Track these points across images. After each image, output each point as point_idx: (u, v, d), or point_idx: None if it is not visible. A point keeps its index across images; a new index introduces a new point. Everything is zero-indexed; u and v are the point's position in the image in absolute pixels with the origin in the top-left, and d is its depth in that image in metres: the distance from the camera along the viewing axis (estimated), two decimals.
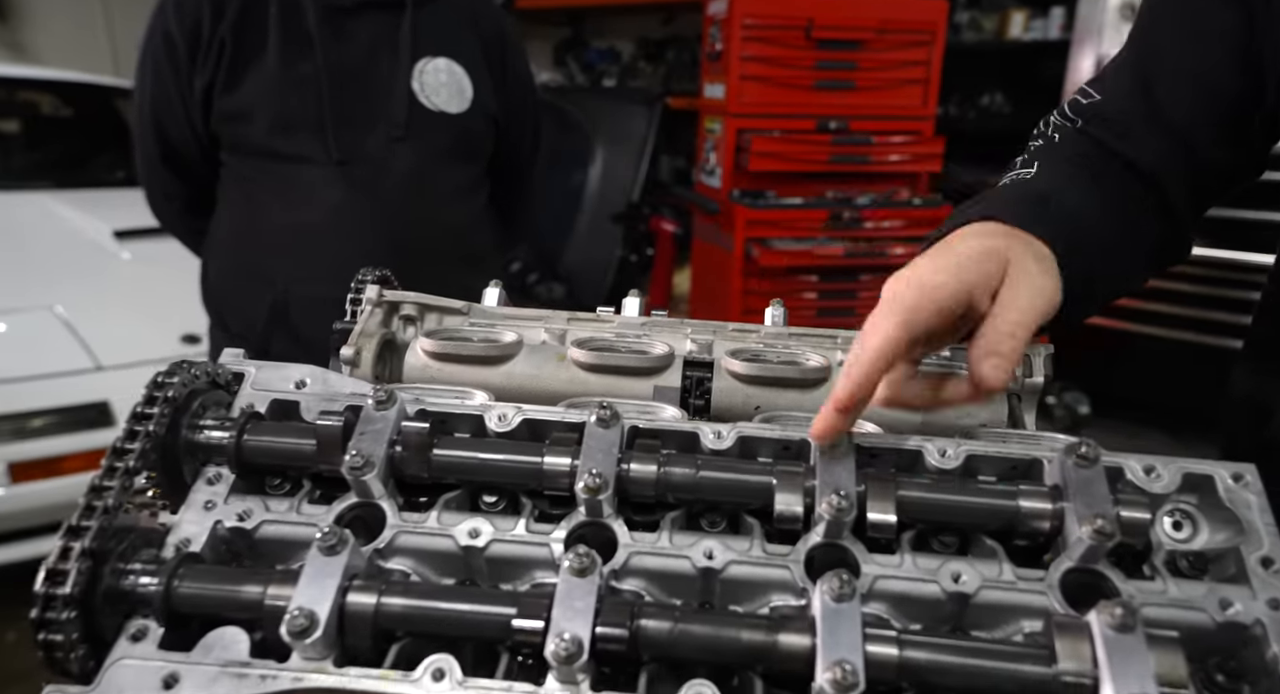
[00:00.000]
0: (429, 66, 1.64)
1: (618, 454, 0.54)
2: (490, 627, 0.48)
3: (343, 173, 1.57)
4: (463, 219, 1.73)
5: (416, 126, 1.61)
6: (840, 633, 0.45)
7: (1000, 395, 0.71)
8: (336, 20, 1.57)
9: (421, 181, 1.63)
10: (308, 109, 1.55)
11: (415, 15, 1.61)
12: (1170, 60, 0.77)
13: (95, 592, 0.46)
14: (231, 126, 1.58)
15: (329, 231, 1.58)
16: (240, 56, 1.55)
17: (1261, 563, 0.49)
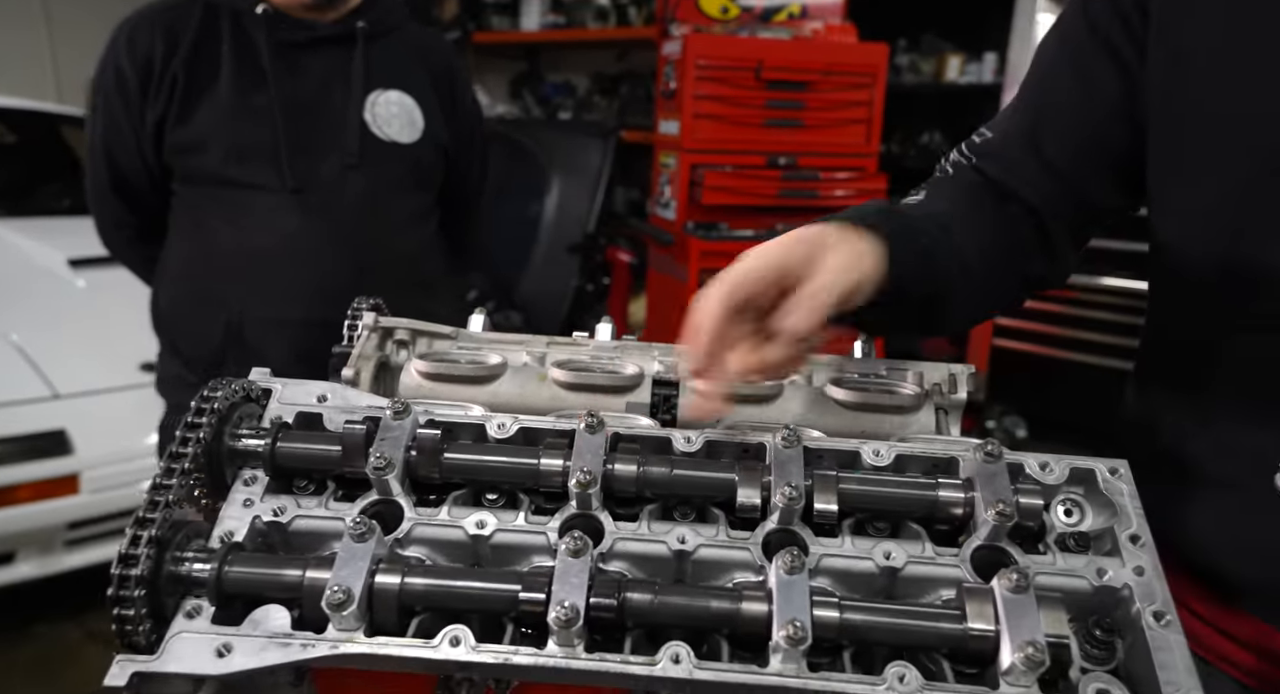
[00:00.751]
0: (381, 98, 1.70)
1: (604, 456, 0.63)
2: (498, 601, 0.56)
3: (297, 200, 1.62)
4: (415, 246, 1.79)
5: (369, 156, 1.66)
6: (792, 599, 0.55)
7: (930, 408, 0.82)
8: (290, 55, 1.63)
9: (375, 209, 1.68)
10: (262, 138, 1.59)
11: (367, 49, 1.68)
12: (1057, 110, 0.88)
13: (160, 574, 0.54)
14: (184, 158, 1.62)
15: (284, 256, 1.62)
16: (193, 90, 1.59)
17: (1130, 539, 0.61)
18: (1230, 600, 0.83)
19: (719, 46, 3.31)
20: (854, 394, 0.79)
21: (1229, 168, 0.77)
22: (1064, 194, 0.88)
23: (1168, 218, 0.86)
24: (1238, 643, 0.83)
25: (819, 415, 0.80)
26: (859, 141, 3.52)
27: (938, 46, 4.41)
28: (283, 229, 1.62)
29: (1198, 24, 0.79)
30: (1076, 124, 0.88)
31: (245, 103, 1.59)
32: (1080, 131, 0.87)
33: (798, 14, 3.81)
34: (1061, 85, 0.89)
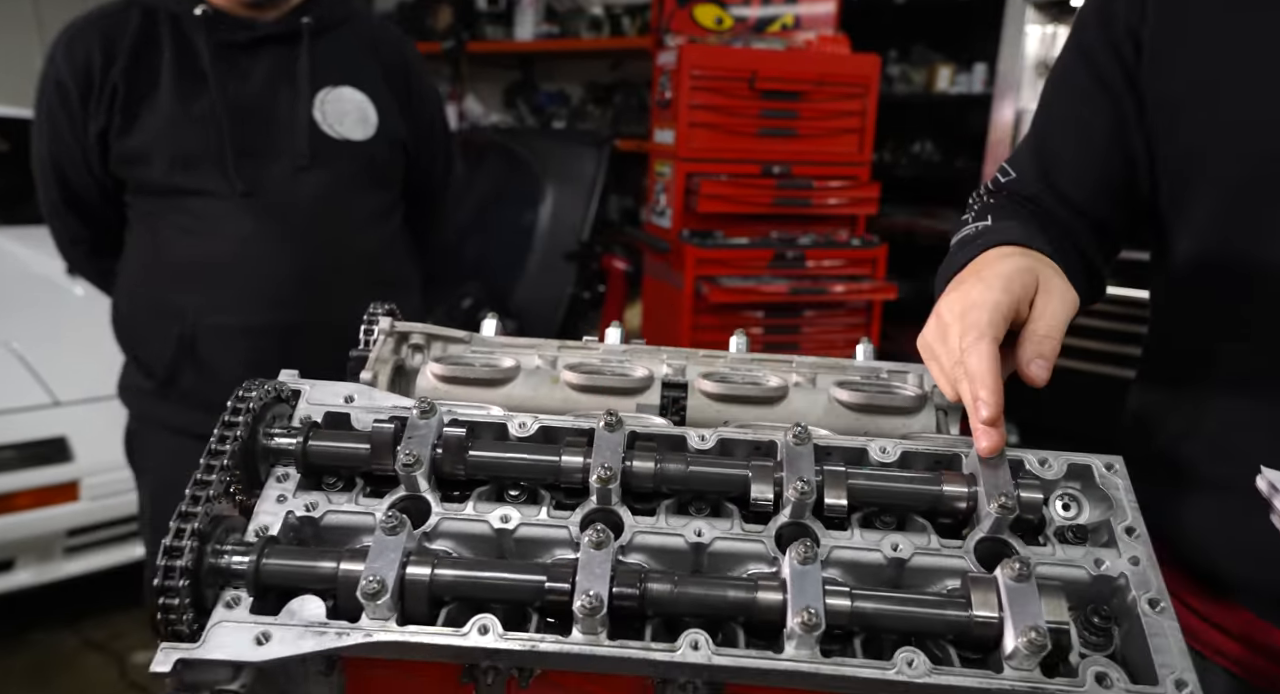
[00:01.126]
0: (330, 95, 1.66)
1: (622, 453, 0.66)
2: (525, 591, 0.59)
3: (248, 204, 1.59)
4: (375, 245, 1.75)
5: (321, 155, 1.63)
6: (806, 588, 0.58)
7: (930, 409, 0.85)
8: (231, 57, 1.59)
9: (330, 210, 1.65)
10: (207, 145, 1.56)
11: (313, 46, 1.64)
12: (1063, 151, 0.94)
13: (201, 566, 0.56)
14: (130, 168, 1.59)
15: (236, 263, 1.60)
16: (134, 99, 1.56)
17: (1126, 531, 0.64)
18: (1222, 595, 0.86)
19: (714, 57, 3.35)
20: (858, 395, 0.82)
21: (1222, 176, 0.81)
22: (1086, 224, 0.93)
23: (1166, 229, 0.90)
24: (1230, 636, 0.86)
25: (824, 416, 0.82)
26: (852, 150, 3.57)
27: (928, 57, 4.47)
28: (235, 235, 1.59)
29: (1191, 42, 0.83)
30: (1083, 162, 0.93)
31: (187, 109, 1.56)
32: (1087, 169, 0.92)
33: (791, 25, 3.86)
34: (1063, 125, 0.95)
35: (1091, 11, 0.92)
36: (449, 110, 5.80)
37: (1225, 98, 0.81)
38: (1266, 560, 0.80)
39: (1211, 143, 0.82)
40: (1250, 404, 0.83)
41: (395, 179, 1.80)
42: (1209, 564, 0.87)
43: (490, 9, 5.42)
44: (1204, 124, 0.83)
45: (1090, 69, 0.91)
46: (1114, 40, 0.88)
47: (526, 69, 5.87)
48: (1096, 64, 0.90)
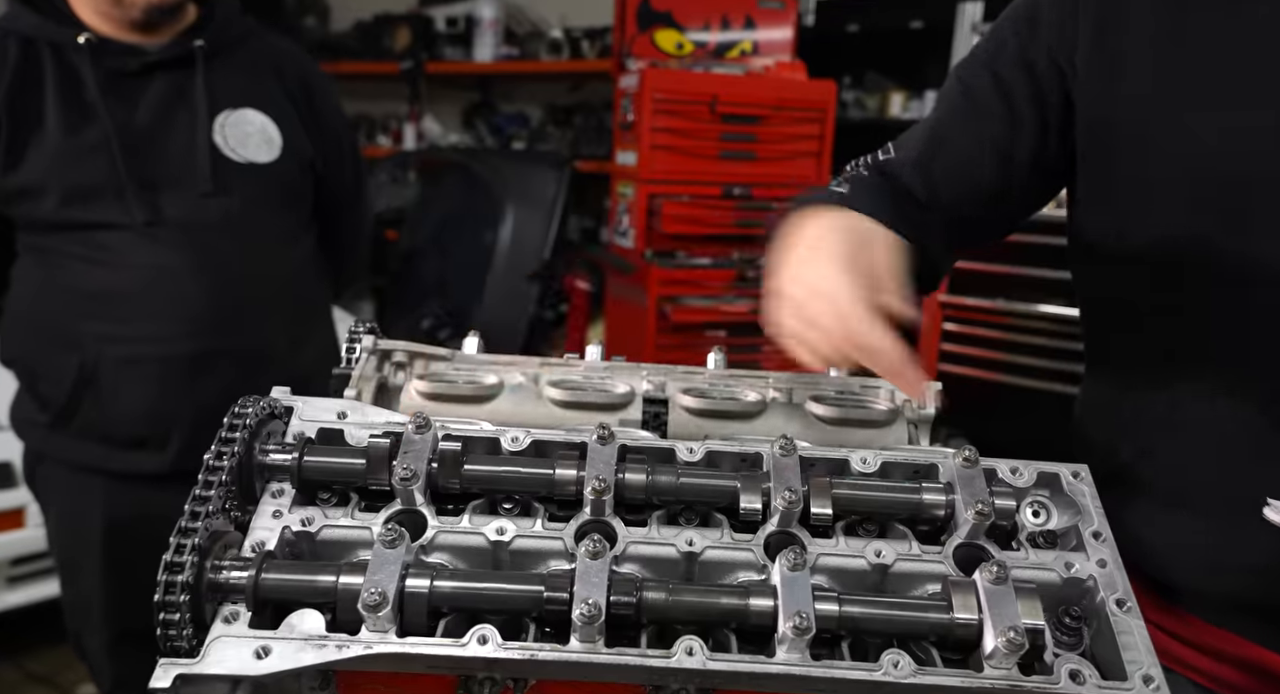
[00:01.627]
0: (231, 118, 1.62)
1: (615, 465, 0.67)
2: (523, 601, 0.60)
3: (151, 234, 1.54)
4: (287, 268, 1.72)
5: (225, 180, 1.59)
6: (796, 593, 0.60)
7: (902, 423, 0.88)
8: (123, 83, 1.54)
9: (238, 234, 1.61)
10: (101, 176, 1.51)
11: (209, 68, 1.60)
12: (946, 145, 0.98)
13: (201, 581, 0.56)
14: (19, 205, 1.53)
15: (142, 293, 1.55)
16: (18, 134, 1.49)
17: (1093, 535, 0.67)
18: (1179, 606, 0.90)
19: (675, 81, 3.42)
20: (833, 410, 0.85)
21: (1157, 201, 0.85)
22: (942, 218, 0.98)
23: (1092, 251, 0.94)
24: (1192, 647, 0.90)
25: (800, 430, 0.85)
26: (810, 173, 3.65)
27: (881, 84, 4.60)
28: (139, 264, 1.54)
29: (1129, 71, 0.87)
30: (960, 161, 0.97)
31: (78, 141, 1.50)
32: (963, 168, 0.97)
33: (749, 51, 3.95)
34: (954, 123, 0.99)
35: (1011, 23, 0.95)
36: (407, 130, 5.81)
37: (1160, 122, 0.85)
38: (1218, 571, 0.83)
39: (1148, 167, 0.86)
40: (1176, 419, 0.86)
41: (305, 199, 1.77)
42: (1163, 575, 0.90)
43: (449, 30, 5.44)
44: (1138, 147, 0.86)
45: (994, 78, 0.95)
46: (1028, 59, 0.92)
47: (486, 90, 5.89)
48: (1001, 74, 0.94)
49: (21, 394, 1.69)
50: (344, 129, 1.90)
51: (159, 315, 1.57)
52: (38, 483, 1.75)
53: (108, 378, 1.58)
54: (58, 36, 1.52)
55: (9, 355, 1.68)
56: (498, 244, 4.36)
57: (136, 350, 1.57)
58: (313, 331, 1.79)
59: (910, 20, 4.34)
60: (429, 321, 4.59)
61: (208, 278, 1.59)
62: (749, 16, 3.96)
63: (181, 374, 1.58)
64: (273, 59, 1.73)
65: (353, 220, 1.96)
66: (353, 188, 1.92)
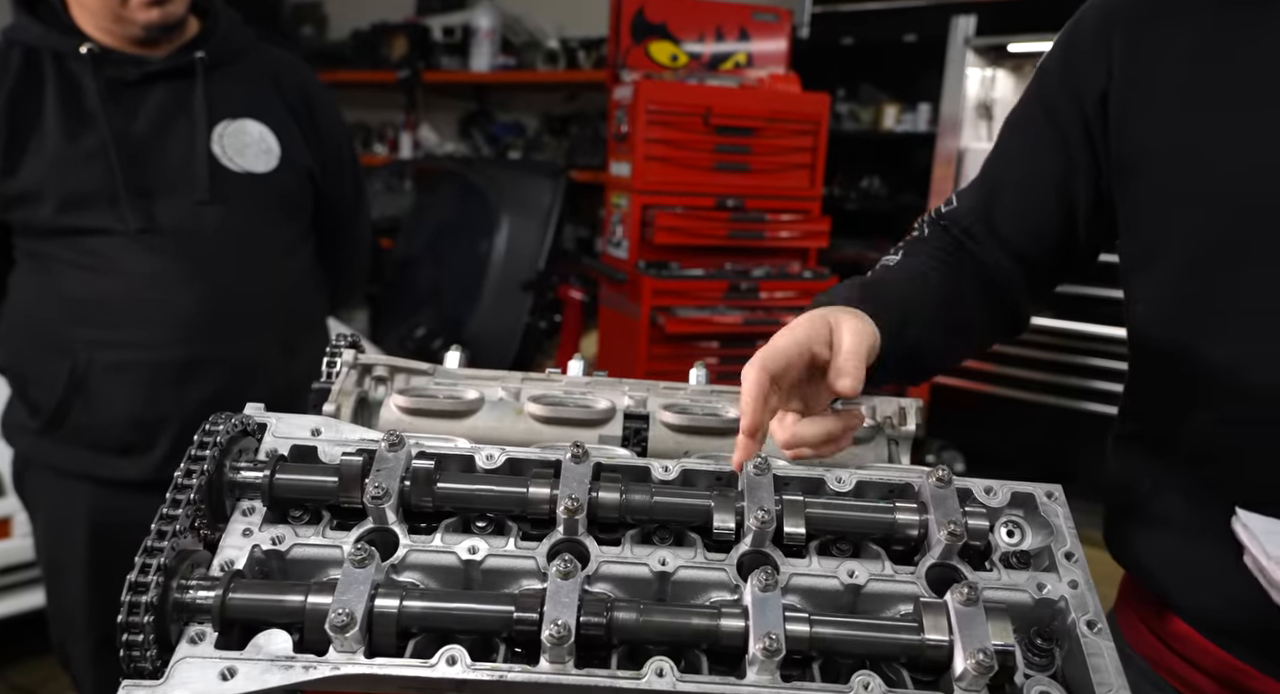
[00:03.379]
0: (229, 129, 1.63)
1: (589, 484, 0.67)
2: (493, 621, 0.60)
3: (145, 241, 1.55)
4: (284, 278, 1.73)
5: (222, 190, 1.60)
6: (767, 614, 0.60)
7: (882, 439, 0.88)
8: (123, 93, 1.56)
9: (234, 244, 1.62)
10: (97, 183, 1.53)
11: (209, 79, 1.61)
12: (1005, 191, 0.98)
13: (166, 601, 0.56)
14: (17, 211, 1.55)
15: (133, 299, 1.56)
16: (16, 141, 1.51)
17: (1065, 556, 0.67)
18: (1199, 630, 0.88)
19: (669, 92, 3.42)
20: None
21: (1182, 239, 0.84)
22: (1016, 266, 0.97)
23: (1129, 284, 0.93)
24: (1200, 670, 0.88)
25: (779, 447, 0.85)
26: (803, 185, 3.66)
27: (875, 96, 4.63)
28: (132, 271, 1.55)
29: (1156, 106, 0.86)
30: (1022, 206, 0.97)
31: (76, 148, 1.52)
32: (1026, 213, 0.97)
33: (743, 63, 3.97)
34: (1010, 167, 0.99)
35: (1056, 60, 0.95)
36: (403, 139, 5.82)
37: (1185, 163, 0.84)
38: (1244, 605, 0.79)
39: (1172, 206, 0.85)
40: (1216, 453, 0.84)
41: (303, 210, 1.78)
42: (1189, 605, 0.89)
43: (446, 40, 5.46)
44: (1161, 188, 0.86)
45: (1047, 117, 0.94)
46: (1077, 93, 0.91)
47: (482, 99, 5.91)
48: (1054, 113, 0.93)
49: (12, 400, 1.69)
50: (344, 141, 1.90)
51: (149, 322, 1.57)
52: (25, 490, 1.75)
53: (97, 383, 1.58)
54: (61, 46, 1.54)
55: (2, 362, 1.68)
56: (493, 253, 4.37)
57: (126, 356, 1.57)
58: (307, 342, 1.79)
59: (904, 33, 4.36)
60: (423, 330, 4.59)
61: (200, 286, 1.60)
62: (743, 29, 3.98)
63: (170, 381, 1.59)
64: (273, 70, 1.74)
65: (352, 232, 1.97)
66: (352, 200, 1.93)
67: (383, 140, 6.09)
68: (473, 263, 4.46)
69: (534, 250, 4.22)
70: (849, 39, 4.50)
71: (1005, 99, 4.33)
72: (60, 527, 1.71)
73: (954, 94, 4.08)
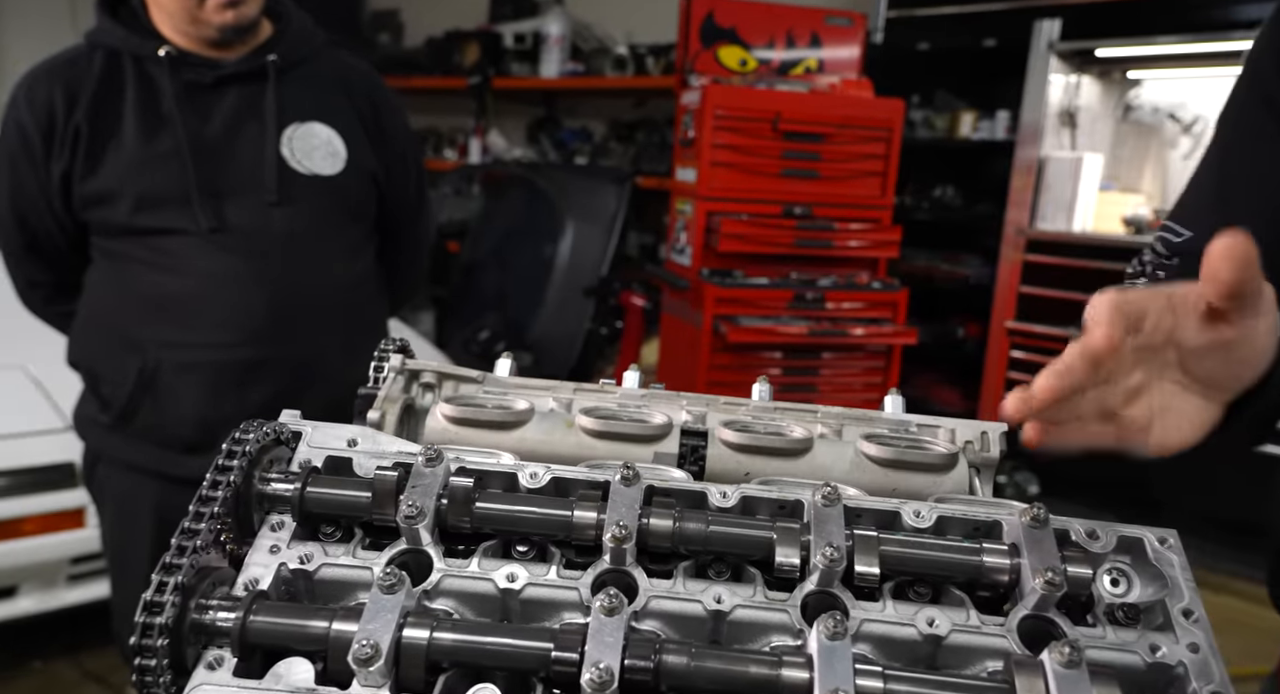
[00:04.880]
0: (298, 132, 1.66)
1: (639, 509, 0.61)
2: (530, 659, 0.54)
3: (216, 241, 1.58)
4: (347, 280, 1.75)
5: (290, 191, 1.62)
6: (835, 666, 0.53)
7: (963, 467, 0.80)
8: (198, 96, 1.60)
9: (300, 245, 1.64)
10: (172, 184, 1.56)
11: (280, 82, 1.64)
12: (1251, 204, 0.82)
13: (184, 623, 0.52)
14: (95, 210, 1.58)
15: (203, 299, 1.59)
16: (97, 141, 1.55)
17: (1183, 613, 0.59)
18: None
19: (737, 97, 3.36)
20: (887, 450, 0.77)
21: None
22: None
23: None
24: None
25: (850, 471, 0.78)
26: (874, 193, 3.55)
27: (951, 103, 4.47)
28: (203, 271, 1.58)
29: None
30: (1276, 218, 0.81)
31: (152, 150, 1.55)
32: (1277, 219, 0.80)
33: (815, 68, 3.88)
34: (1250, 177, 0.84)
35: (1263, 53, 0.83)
36: (473, 144, 5.88)
37: None
38: None
39: None
40: None
41: (367, 213, 1.79)
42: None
43: (517, 46, 5.51)
44: None
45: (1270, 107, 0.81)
46: None
47: (550, 105, 5.93)
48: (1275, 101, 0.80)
49: (85, 395, 1.73)
50: (410, 146, 1.92)
51: (218, 322, 1.60)
52: (95, 483, 1.79)
53: (166, 382, 1.61)
54: (140, 49, 1.58)
55: (76, 357, 1.73)
56: (557, 258, 4.37)
57: (195, 356, 1.60)
58: (367, 345, 1.79)
59: (984, 38, 4.20)
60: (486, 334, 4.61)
61: (268, 287, 1.62)
62: (815, 34, 3.89)
63: (233, 382, 1.61)
64: (342, 75, 1.77)
65: (413, 236, 1.98)
66: (415, 204, 1.95)
67: (453, 145, 6.17)
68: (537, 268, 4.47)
69: (598, 256, 4.20)
70: (925, 44, 4.35)
71: (1090, 106, 4.14)
72: (127, 521, 1.74)
73: (1035, 101, 3.91)
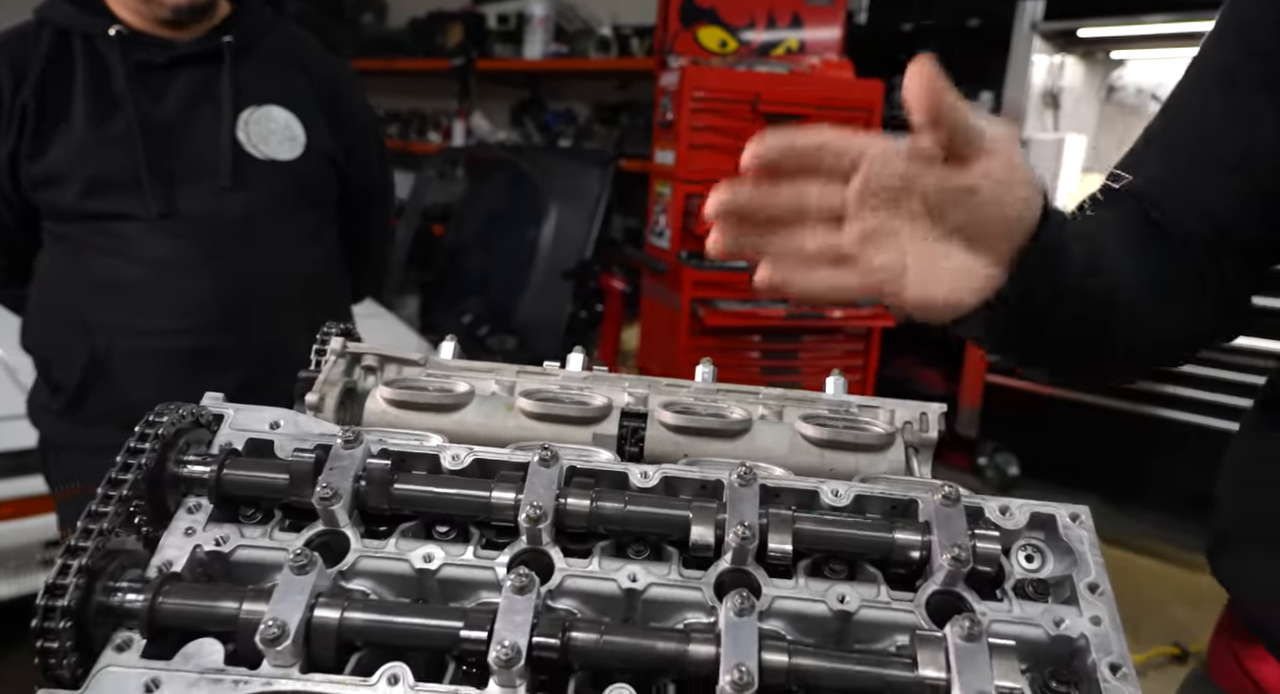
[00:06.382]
0: (255, 115, 1.62)
1: (556, 490, 0.62)
2: (440, 637, 0.55)
3: (166, 227, 1.55)
4: (307, 266, 1.72)
5: (246, 176, 1.59)
6: (740, 642, 0.54)
7: (899, 447, 0.81)
8: (148, 77, 1.56)
9: (256, 231, 1.61)
10: (123, 167, 1.52)
11: (236, 65, 1.60)
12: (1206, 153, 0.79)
13: (88, 605, 0.52)
14: (44, 193, 1.55)
15: (154, 285, 1.56)
16: (45, 121, 1.51)
17: (1089, 588, 0.59)
18: None
19: (716, 79, 3.34)
20: (824, 431, 0.78)
21: None
22: (1221, 243, 0.79)
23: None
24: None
25: (788, 451, 0.79)
26: None
27: None
28: (152, 257, 1.55)
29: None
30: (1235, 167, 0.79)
31: (102, 132, 1.52)
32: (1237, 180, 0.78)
33: (795, 49, 3.86)
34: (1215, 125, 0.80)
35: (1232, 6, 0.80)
36: (456, 126, 5.84)
37: None
38: None
39: None
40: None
41: (328, 198, 1.76)
42: None
43: (500, 28, 5.46)
44: None
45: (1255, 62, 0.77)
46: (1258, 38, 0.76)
47: (534, 87, 5.89)
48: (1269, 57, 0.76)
49: (38, 382, 1.72)
50: (372, 126, 1.89)
51: (167, 309, 1.58)
52: (50, 469, 1.78)
53: (117, 367, 1.59)
54: (90, 27, 1.54)
55: (28, 342, 1.71)
56: (540, 241, 4.35)
57: (146, 342, 1.58)
58: None
59: (968, 18, 4.18)
60: (470, 317, 4.60)
61: (220, 273, 1.59)
62: (797, 14, 3.87)
63: (186, 368, 1.59)
64: (301, 57, 1.73)
65: (379, 217, 1.95)
66: (379, 186, 1.91)
67: (436, 128, 6.13)
68: (521, 251, 4.45)
69: (581, 239, 4.19)
70: (909, 24, 4.33)
71: (1074, 87, 4.13)
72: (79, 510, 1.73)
73: (1018, 81, 3.91)
